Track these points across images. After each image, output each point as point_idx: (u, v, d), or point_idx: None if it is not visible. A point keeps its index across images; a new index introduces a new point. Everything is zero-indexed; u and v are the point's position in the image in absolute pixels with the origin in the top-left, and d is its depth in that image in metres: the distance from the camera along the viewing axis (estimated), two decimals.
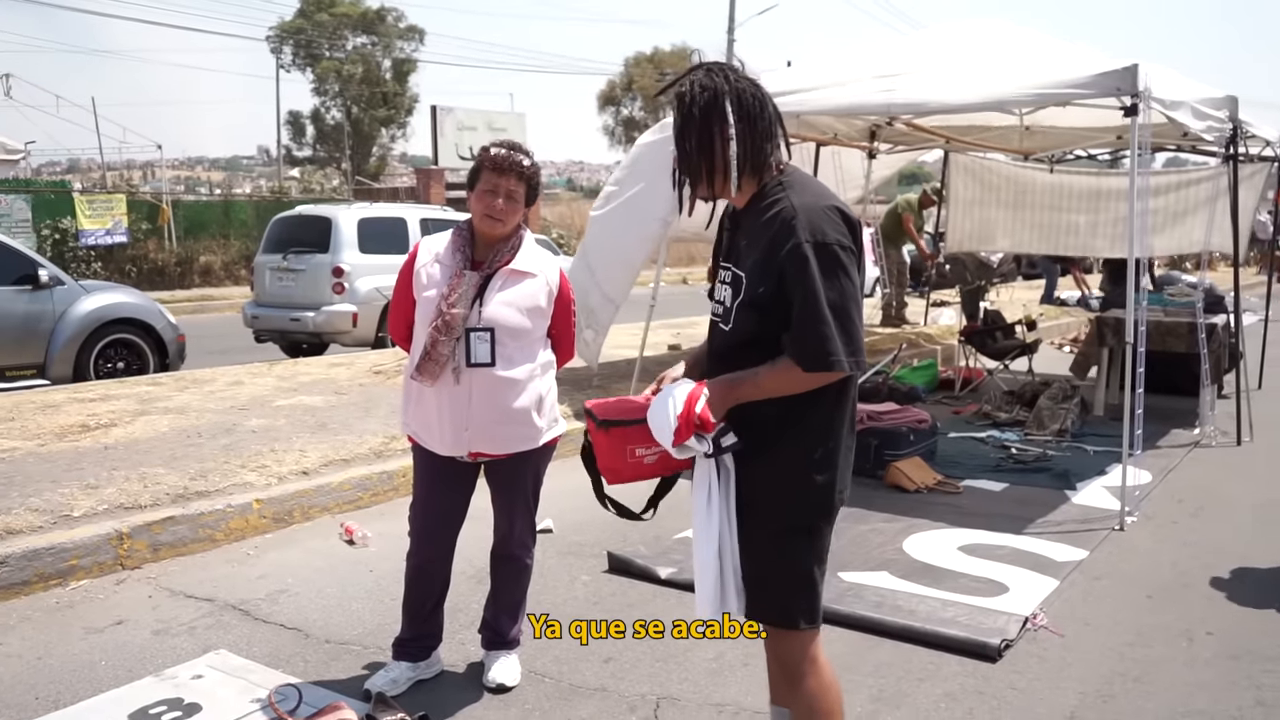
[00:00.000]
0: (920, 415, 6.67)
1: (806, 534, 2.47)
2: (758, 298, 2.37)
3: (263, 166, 62.06)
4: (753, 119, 2.39)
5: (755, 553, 2.47)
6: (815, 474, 2.42)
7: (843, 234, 2.33)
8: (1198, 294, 8.47)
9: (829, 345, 2.27)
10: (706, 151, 2.40)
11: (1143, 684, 3.55)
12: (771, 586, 2.48)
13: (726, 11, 33.13)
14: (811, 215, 2.32)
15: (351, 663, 3.66)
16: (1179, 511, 5.70)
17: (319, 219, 12.07)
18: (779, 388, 2.36)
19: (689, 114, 2.41)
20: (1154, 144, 7.62)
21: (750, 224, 2.45)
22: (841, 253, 2.31)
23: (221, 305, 19.28)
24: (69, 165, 45.04)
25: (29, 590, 4.27)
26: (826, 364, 2.28)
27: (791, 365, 2.32)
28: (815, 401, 2.38)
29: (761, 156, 2.42)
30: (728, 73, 2.42)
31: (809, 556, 2.48)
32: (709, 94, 2.38)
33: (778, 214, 2.36)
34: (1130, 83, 5.48)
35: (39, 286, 8.62)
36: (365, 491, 5.63)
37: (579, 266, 7.62)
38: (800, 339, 2.30)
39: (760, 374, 2.37)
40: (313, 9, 44.67)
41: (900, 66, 6.57)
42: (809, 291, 2.27)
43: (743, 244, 2.47)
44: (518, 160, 3.29)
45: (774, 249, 2.32)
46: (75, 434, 6.34)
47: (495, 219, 3.29)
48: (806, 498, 2.43)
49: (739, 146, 2.38)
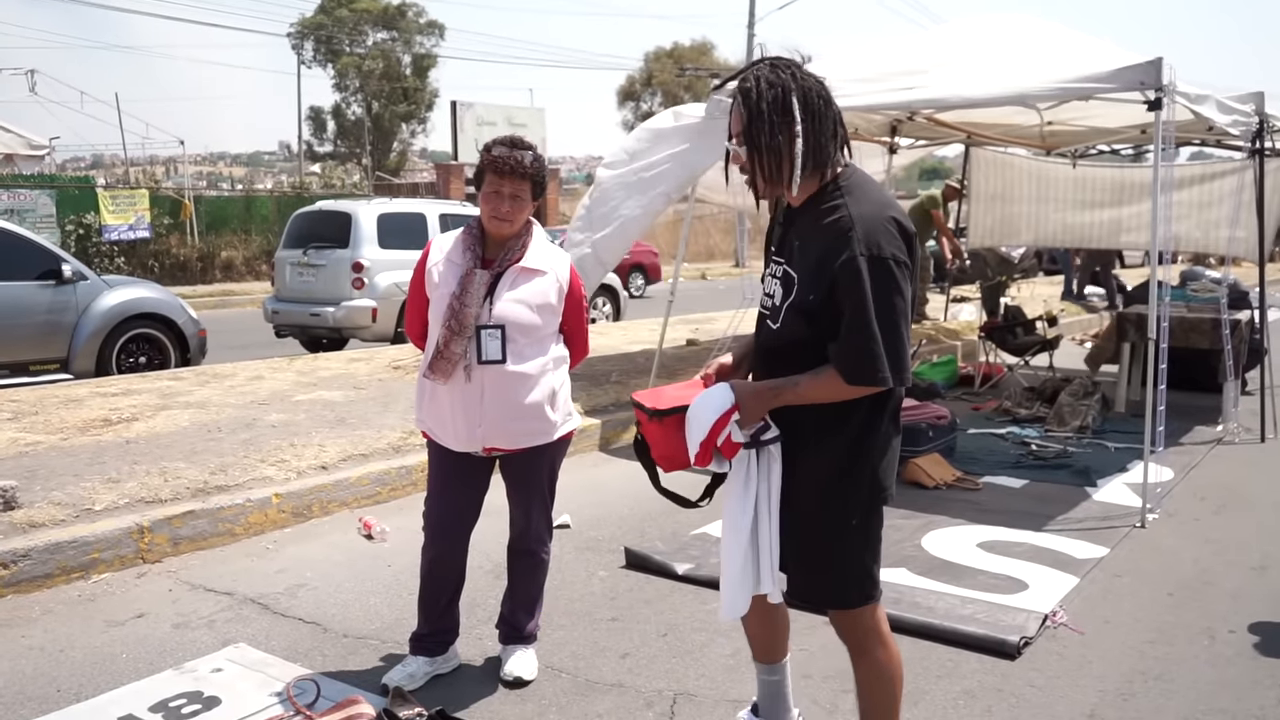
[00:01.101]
0: (939, 411, 6.63)
1: (854, 528, 2.52)
2: (808, 304, 2.40)
3: (284, 162, 62.36)
4: (819, 117, 2.40)
5: (807, 548, 2.55)
6: (858, 471, 2.47)
7: (899, 248, 2.34)
8: (1221, 289, 8.39)
9: (875, 362, 2.31)
10: (774, 148, 2.40)
11: (1164, 682, 3.52)
12: (825, 578, 2.57)
13: (747, 6, 32.96)
14: (869, 227, 2.33)
15: (369, 657, 3.68)
16: (1201, 509, 5.64)
17: (339, 214, 12.12)
18: (820, 396, 2.41)
19: (756, 109, 2.41)
20: (1178, 139, 7.55)
21: (806, 224, 2.46)
22: (896, 268, 2.32)
23: (243, 300, 19.39)
24: (93, 161, 45.30)
25: (51, 583, 4.31)
26: (871, 380, 2.33)
27: (834, 375, 2.36)
28: (856, 403, 2.42)
29: (824, 155, 2.42)
30: (793, 69, 2.43)
31: (859, 547, 2.56)
32: (777, 90, 2.39)
33: (835, 221, 2.36)
34: (1154, 77, 5.42)
35: (62, 281, 8.69)
36: (383, 486, 5.65)
37: (580, 219, 7.55)
38: (847, 353, 2.34)
39: (802, 383, 2.42)
40: (333, 5, 44.89)
41: (921, 62, 6.53)
42: (859, 306, 2.29)
43: (796, 243, 2.48)
44: (519, 160, 3.25)
45: (829, 258, 2.34)
46: (97, 428, 6.39)
47: (502, 220, 3.29)
48: (851, 494, 2.49)
49: (804, 144, 2.38)
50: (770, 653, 2.94)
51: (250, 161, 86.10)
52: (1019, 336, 9.60)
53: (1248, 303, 8.73)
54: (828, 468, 2.49)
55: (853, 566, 2.54)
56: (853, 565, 2.54)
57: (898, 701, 2.64)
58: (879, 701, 2.63)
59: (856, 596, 2.56)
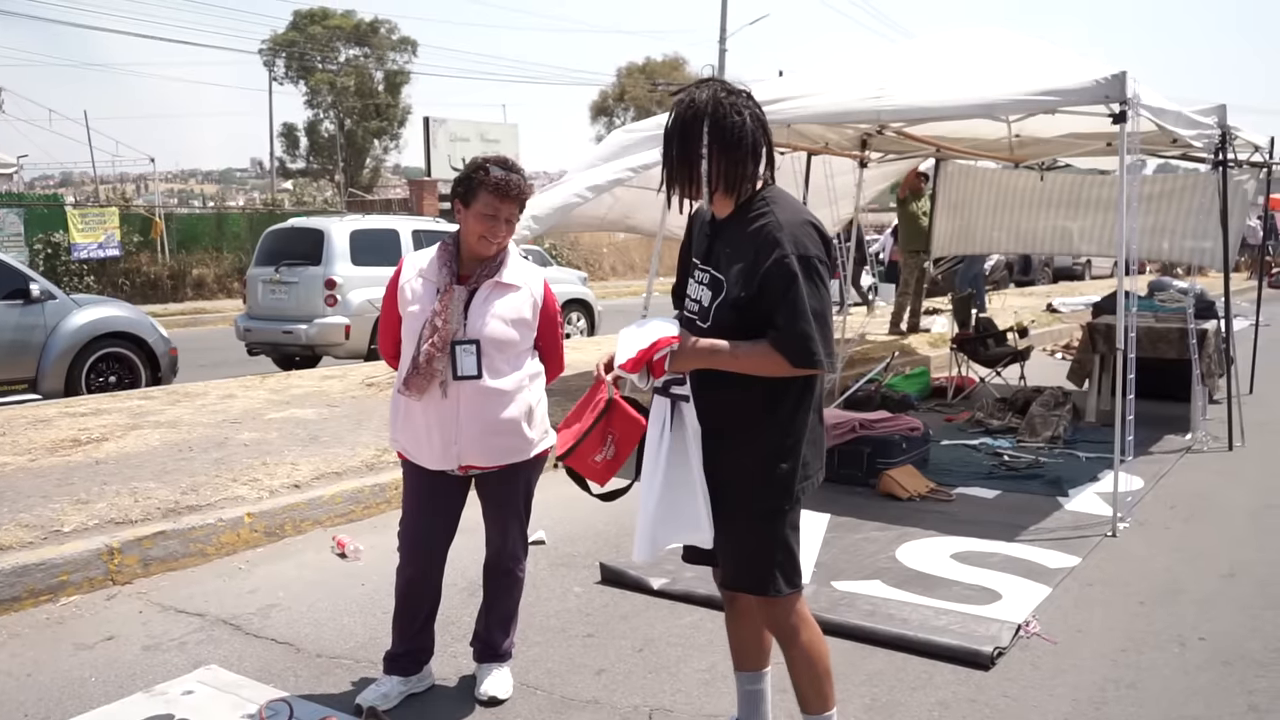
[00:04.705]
0: (913, 423, 6.67)
1: (775, 515, 2.71)
2: (739, 300, 2.60)
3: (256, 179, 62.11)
4: (728, 145, 2.61)
5: (731, 533, 2.72)
6: (781, 461, 2.66)
7: (820, 249, 2.59)
8: (1188, 300, 8.49)
9: (812, 345, 2.54)
10: (684, 163, 2.65)
11: (1136, 690, 3.55)
12: (750, 563, 2.74)
13: (718, 22, 33.16)
14: (795, 231, 2.57)
15: (343, 677, 3.65)
16: (1171, 517, 5.70)
17: (311, 231, 12.06)
18: (755, 368, 2.60)
19: (672, 126, 2.66)
20: (1144, 151, 7.65)
21: (733, 234, 2.67)
22: (820, 265, 2.58)
23: (214, 318, 19.24)
24: (62, 179, 44.90)
25: (19, 606, 4.25)
26: (811, 361, 2.55)
27: (777, 356, 2.56)
28: (781, 396, 2.64)
29: (734, 180, 2.64)
30: (720, 96, 2.62)
31: (781, 534, 2.72)
32: (692, 113, 2.62)
33: (763, 227, 2.59)
34: (1119, 90, 5.50)
35: (30, 301, 8.61)
36: (357, 504, 5.62)
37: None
38: (790, 339, 2.54)
39: (741, 349, 2.60)
40: (305, 22, 44.73)
41: (890, 74, 6.59)
42: (796, 298, 2.53)
43: (725, 251, 2.68)
44: (519, 185, 3.27)
45: (760, 259, 2.56)
46: (66, 449, 6.32)
47: (493, 241, 3.30)
48: (774, 483, 2.67)
49: (709, 166, 2.61)
50: (752, 661, 3.00)
51: (222, 179, 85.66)
52: (990, 348, 9.67)
53: (1214, 312, 8.82)
54: (753, 458, 2.67)
55: (778, 555, 2.72)
56: (778, 554, 2.72)
57: (829, 677, 2.84)
58: (811, 681, 2.82)
59: (782, 584, 2.72)
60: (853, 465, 6.26)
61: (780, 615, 2.78)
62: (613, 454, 2.86)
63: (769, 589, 2.72)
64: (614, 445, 2.86)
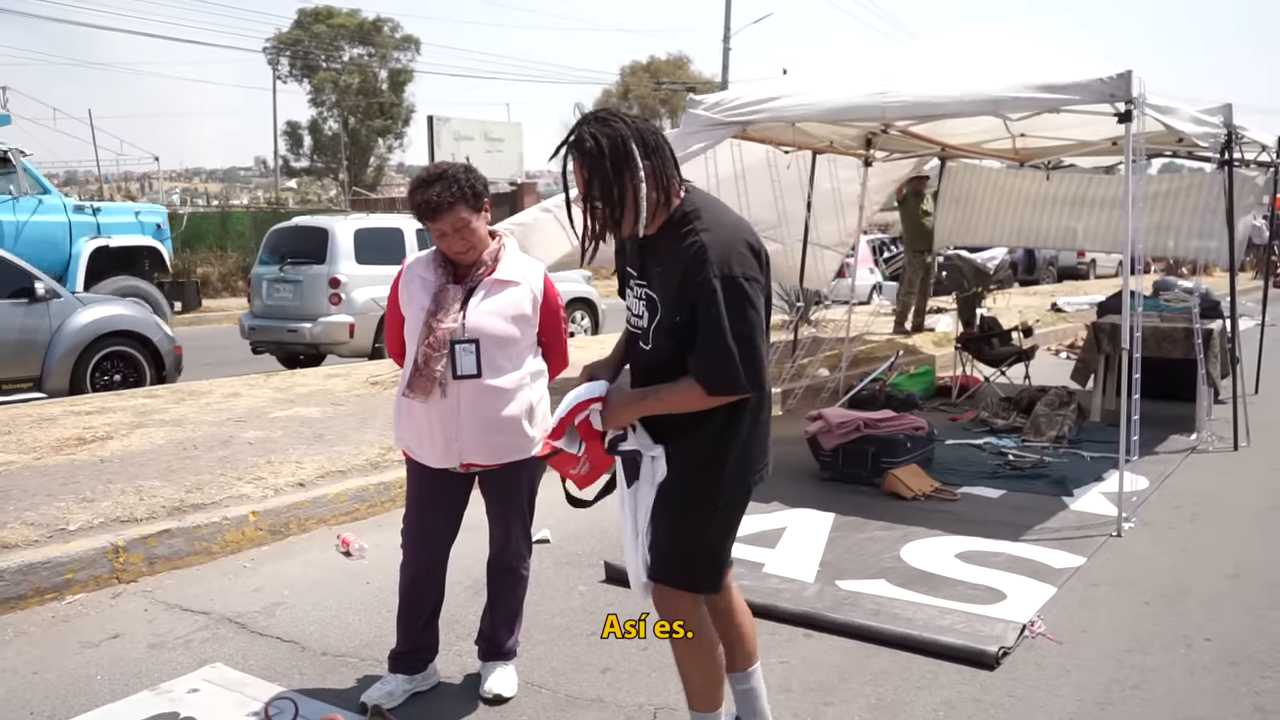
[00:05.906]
0: (917, 422, 6.66)
1: (712, 514, 2.69)
2: (674, 325, 2.55)
3: (260, 178, 62.14)
4: (657, 150, 2.53)
5: (668, 529, 2.70)
6: (719, 463, 2.64)
7: (749, 266, 2.50)
8: (1194, 299, 8.46)
9: (734, 373, 2.47)
10: (623, 197, 2.51)
11: (1141, 691, 3.54)
12: (680, 559, 2.72)
13: (722, 20, 33.17)
14: (721, 251, 2.49)
15: (348, 675, 3.65)
16: (1176, 517, 5.69)
17: (315, 230, 12.07)
18: (681, 405, 2.58)
19: (597, 165, 2.50)
20: (1149, 150, 7.62)
21: (663, 251, 2.60)
22: (747, 285, 2.48)
23: (219, 317, 19.25)
24: (66, 178, 44.92)
25: (24, 605, 4.26)
26: (730, 390, 2.50)
27: (694, 386, 2.52)
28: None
29: (670, 187, 2.56)
30: (622, 116, 2.57)
31: (718, 533, 2.74)
32: (614, 141, 2.49)
33: (689, 246, 2.51)
34: (1124, 89, 5.48)
35: (35, 299, 8.61)
36: (362, 503, 5.62)
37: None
38: (705, 366, 2.50)
39: (663, 392, 2.60)
40: (309, 20, 44.78)
41: (895, 72, 6.58)
42: (715, 322, 2.45)
43: (656, 270, 2.62)
44: (439, 199, 3.15)
45: (687, 281, 2.49)
46: (71, 447, 6.33)
47: (462, 254, 3.29)
48: (711, 485, 2.65)
49: (651, 180, 2.52)
50: (731, 662, 2.96)
51: (226, 177, 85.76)
52: (995, 347, 9.66)
53: (1219, 312, 8.80)
54: (689, 455, 2.64)
55: (707, 551, 2.73)
56: (707, 550, 2.73)
57: (720, 672, 2.85)
58: (687, 676, 2.85)
59: (707, 580, 2.75)
60: (857, 464, 6.26)
61: (680, 609, 2.75)
62: (587, 469, 2.84)
63: (692, 587, 2.74)
64: (588, 463, 2.83)
